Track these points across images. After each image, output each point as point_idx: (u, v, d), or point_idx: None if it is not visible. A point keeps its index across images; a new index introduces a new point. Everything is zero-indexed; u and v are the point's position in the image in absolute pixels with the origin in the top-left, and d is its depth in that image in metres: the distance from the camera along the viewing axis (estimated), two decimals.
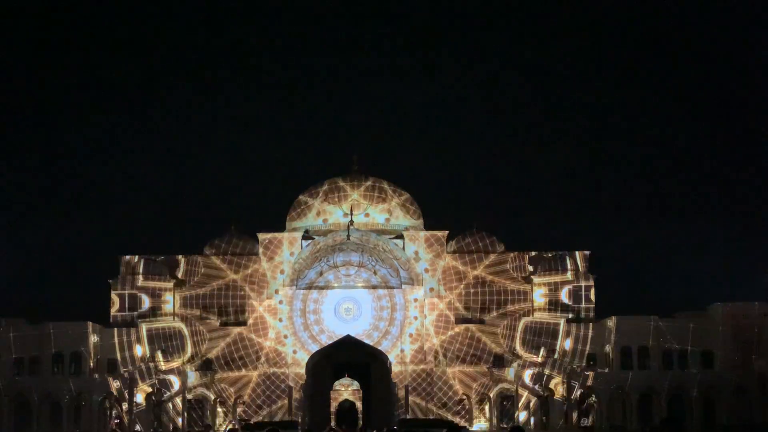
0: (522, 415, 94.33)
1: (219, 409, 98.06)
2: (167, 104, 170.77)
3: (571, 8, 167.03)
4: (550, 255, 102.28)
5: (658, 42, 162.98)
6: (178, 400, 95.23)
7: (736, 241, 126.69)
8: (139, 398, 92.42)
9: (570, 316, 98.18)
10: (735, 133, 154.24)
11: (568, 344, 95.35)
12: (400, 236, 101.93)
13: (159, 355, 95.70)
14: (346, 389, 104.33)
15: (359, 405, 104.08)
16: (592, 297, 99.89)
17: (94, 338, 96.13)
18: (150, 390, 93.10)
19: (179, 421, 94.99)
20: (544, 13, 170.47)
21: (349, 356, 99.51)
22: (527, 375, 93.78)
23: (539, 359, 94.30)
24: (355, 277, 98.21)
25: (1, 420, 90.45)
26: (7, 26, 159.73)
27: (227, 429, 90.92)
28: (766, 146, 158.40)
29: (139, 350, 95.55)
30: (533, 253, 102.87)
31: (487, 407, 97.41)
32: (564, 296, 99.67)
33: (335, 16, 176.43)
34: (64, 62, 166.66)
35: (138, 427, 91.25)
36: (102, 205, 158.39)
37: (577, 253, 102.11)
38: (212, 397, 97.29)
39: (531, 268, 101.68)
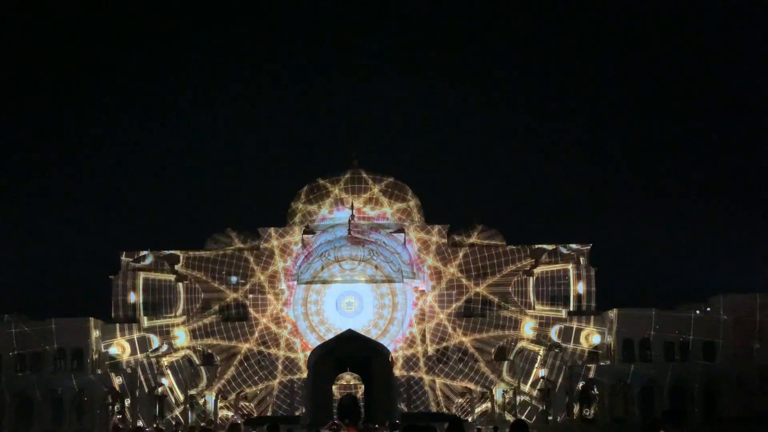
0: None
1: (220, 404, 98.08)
2: (168, 102, 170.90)
3: (572, 7, 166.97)
4: (551, 248, 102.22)
5: (659, 39, 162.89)
6: (180, 396, 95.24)
7: (738, 233, 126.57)
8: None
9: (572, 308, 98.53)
10: (736, 126, 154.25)
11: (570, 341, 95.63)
12: (401, 230, 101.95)
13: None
14: (348, 383, 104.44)
15: (361, 399, 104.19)
16: (594, 290, 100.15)
17: (95, 334, 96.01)
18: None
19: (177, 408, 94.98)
20: (546, 9, 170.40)
21: (350, 351, 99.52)
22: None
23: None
24: (355, 272, 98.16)
25: (3, 416, 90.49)
26: (10, 25, 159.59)
27: (230, 424, 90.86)
28: (766, 139, 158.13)
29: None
30: (535, 247, 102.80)
31: (488, 402, 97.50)
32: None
33: (336, 14, 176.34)
34: (67, 60, 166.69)
35: (140, 423, 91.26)
36: (103, 202, 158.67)
37: (578, 246, 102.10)
38: (213, 392, 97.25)
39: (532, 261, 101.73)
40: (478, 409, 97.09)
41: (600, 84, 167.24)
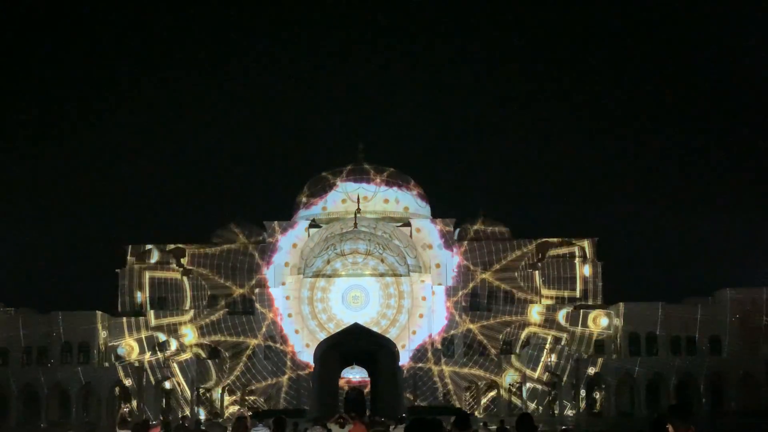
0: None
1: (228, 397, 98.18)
2: (174, 95, 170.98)
3: (576, 3, 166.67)
4: (557, 241, 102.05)
5: (664, 33, 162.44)
6: (187, 389, 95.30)
7: (744, 226, 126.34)
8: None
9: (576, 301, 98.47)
10: (740, 119, 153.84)
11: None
12: (408, 224, 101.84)
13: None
14: (354, 377, 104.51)
15: (367, 393, 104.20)
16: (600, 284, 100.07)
17: (102, 327, 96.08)
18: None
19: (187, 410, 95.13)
20: (550, 4, 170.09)
21: (356, 344, 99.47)
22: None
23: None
24: (362, 265, 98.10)
25: (10, 410, 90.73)
26: (11, 23, 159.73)
27: (236, 416, 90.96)
28: None
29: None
30: (541, 240, 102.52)
31: (494, 391, 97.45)
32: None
33: (342, 6, 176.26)
34: (72, 50, 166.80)
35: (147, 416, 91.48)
36: (109, 195, 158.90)
37: (584, 239, 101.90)
38: (220, 388, 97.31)
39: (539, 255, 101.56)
40: (484, 400, 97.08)
41: (608, 78, 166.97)
